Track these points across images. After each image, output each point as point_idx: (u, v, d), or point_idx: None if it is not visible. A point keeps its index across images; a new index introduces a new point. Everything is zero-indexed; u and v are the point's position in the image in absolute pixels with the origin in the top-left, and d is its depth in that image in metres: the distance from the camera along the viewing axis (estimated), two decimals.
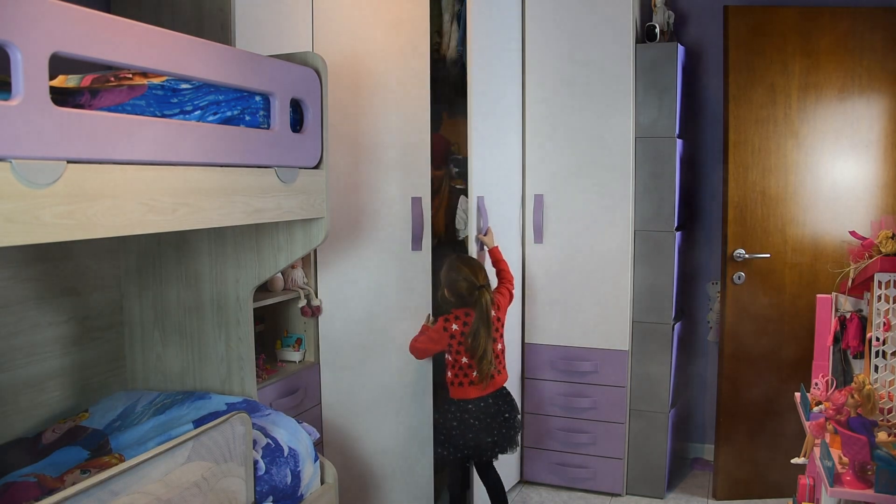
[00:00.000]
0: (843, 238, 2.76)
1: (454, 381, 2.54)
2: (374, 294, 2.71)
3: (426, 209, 2.66)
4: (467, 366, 2.51)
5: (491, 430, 2.52)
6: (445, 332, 2.52)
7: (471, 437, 2.51)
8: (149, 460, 1.47)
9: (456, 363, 2.53)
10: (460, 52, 3.20)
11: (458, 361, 2.52)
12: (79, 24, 1.30)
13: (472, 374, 2.51)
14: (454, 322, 2.52)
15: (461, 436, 2.51)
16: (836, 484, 1.75)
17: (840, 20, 2.87)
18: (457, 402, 2.54)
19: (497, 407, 2.55)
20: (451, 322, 2.52)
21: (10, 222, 1.21)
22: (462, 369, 2.52)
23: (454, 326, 2.52)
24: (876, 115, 2.88)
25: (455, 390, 2.55)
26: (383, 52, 2.63)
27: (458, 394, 2.54)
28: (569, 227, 3.10)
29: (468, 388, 2.52)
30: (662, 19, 3.07)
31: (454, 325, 2.52)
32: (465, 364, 2.51)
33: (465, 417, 2.51)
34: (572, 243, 3.10)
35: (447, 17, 3.25)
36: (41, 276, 2.08)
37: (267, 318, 2.75)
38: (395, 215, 2.68)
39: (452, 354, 2.53)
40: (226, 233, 2.24)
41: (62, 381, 2.15)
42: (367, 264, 2.71)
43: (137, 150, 1.45)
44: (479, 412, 2.51)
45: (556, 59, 3.06)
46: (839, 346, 2.31)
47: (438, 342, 2.54)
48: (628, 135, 2.98)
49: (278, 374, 2.55)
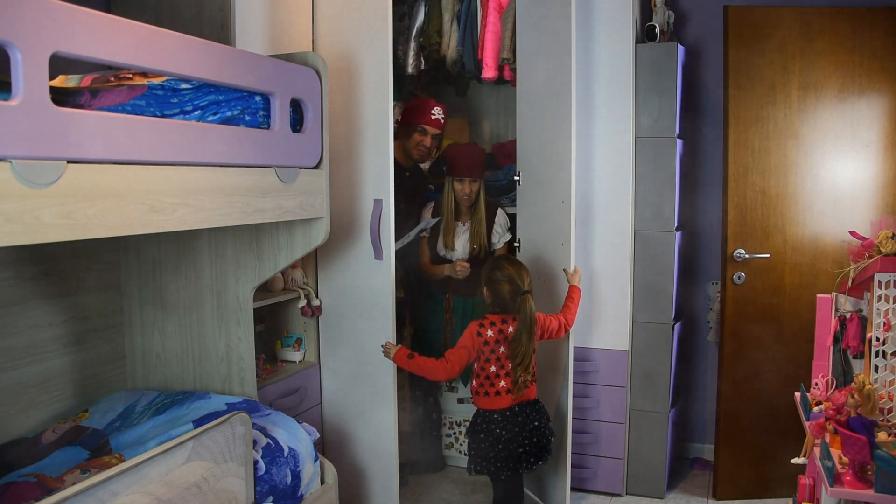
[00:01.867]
0: (843, 238, 2.75)
1: (479, 390, 2.44)
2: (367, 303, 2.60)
3: (387, 213, 2.45)
4: (494, 375, 2.41)
5: (520, 440, 2.42)
6: (479, 337, 2.39)
7: (500, 449, 2.41)
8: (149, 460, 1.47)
9: (483, 371, 2.42)
10: (460, 51, 3.21)
11: (486, 370, 2.42)
12: (79, 24, 1.30)
13: (499, 383, 2.40)
14: (489, 328, 2.40)
15: (490, 448, 2.41)
16: (836, 484, 1.75)
17: (840, 20, 2.87)
18: (482, 412, 2.44)
19: (525, 416, 2.44)
20: (485, 328, 2.40)
21: (10, 222, 1.20)
22: (489, 378, 2.42)
23: (489, 333, 2.39)
24: (876, 115, 2.88)
25: (480, 400, 2.45)
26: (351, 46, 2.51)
27: (484, 404, 2.44)
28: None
29: (494, 399, 2.42)
30: (662, 19, 3.07)
31: (489, 331, 2.39)
32: (492, 373, 2.41)
33: (492, 428, 2.41)
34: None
35: (447, 17, 3.25)
36: (41, 276, 2.07)
37: (267, 318, 2.75)
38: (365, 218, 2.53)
39: (481, 362, 2.42)
40: (226, 233, 2.24)
41: (62, 381, 2.15)
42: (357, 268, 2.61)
43: (137, 150, 1.45)
44: (505, 422, 2.41)
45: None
46: (839, 346, 2.31)
47: (472, 349, 2.40)
48: (628, 135, 2.97)
49: (278, 374, 2.54)
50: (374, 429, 2.61)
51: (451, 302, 3.12)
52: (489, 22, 3.11)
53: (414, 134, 3.02)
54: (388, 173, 2.44)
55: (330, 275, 2.64)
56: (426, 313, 3.20)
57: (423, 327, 3.21)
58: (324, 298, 2.67)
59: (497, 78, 3.17)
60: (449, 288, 3.12)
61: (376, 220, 2.45)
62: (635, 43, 2.97)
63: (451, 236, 3.09)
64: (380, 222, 2.45)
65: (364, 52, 2.46)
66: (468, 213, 3.11)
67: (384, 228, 2.46)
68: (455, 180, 3.04)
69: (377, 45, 2.41)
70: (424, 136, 3.02)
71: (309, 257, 2.65)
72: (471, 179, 3.02)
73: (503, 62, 3.11)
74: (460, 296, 3.12)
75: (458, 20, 3.22)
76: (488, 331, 2.40)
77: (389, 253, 2.46)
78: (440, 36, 3.26)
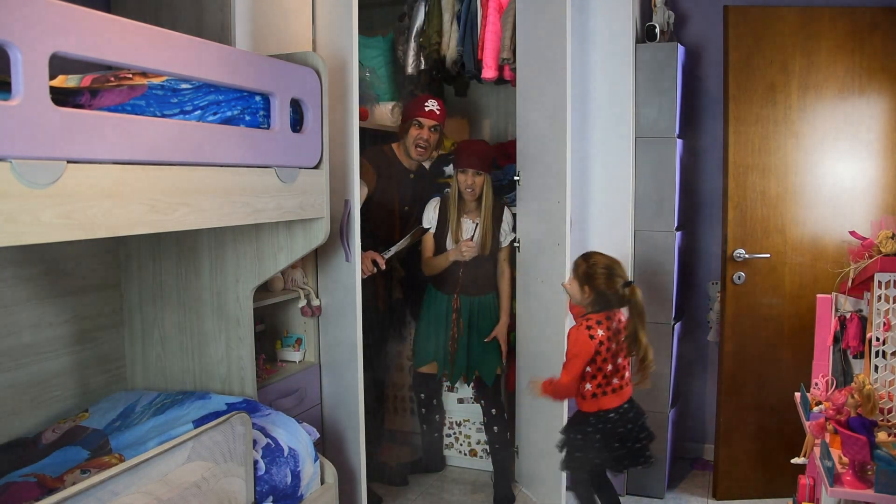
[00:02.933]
0: (843, 238, 2.75)
1: (596, 391, 2.32)
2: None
3: (354, 214, 2.41)
4: (612, 372, 2.31)
5: (634, 436, 2.36)
6: (592, 339, 2.27)
7: (616, 447, 2.33)
8: (149, 460, 1.47)
9: (600, 371, 2.31)
10: (460, 51, 3.21)
11: (604, 369, 2.31)
12: (79, 24, 1.30)
13: (614, 380, 2.32)
14: (598, 328, 2.29)
15: (605, 448, 2.33)
16: (836, 484, 1.75)
17: (840, 20, 2.87)
18: (595, 414, 2.33)
19: (635, 412, 2.38)
20: (594, 328, 2.29)
21: (10, 222, 1.21)
22: (606, 377, 2.32)
23: (599, 332, 2.28)
24: (876, 115, 2.88)
25: (591, 402, 2.34)
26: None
27: (596, 406, 2.34)
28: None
29: (612, 397, 2.33)
30: (662, 19, 3.07)
31: (599, 330, 2.28)
32: (609, 371, 2.31)
33: (610, 428, 2.33)
34: (572, 243, 3.09)
35: (447, 17, 3.25)
36: (41, 276, 2.07)
37: (267, 318, 2.75)
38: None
39: (598, 363, 2.30)
40: (226, 233, 2.24)
41: (62, 381, 2.15)
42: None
43: (137, 150, 1.45)
44: (621, 421, 2.34)
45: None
46: (839, 346, 2.31)
47: (586, 354, 2.27)
48: (628, 135, 2.97)
49: (278, 374, 2.54)
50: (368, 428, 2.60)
51: (458, 302, 3.09)
52: (489, 22, 3.11)
53: (411, 129, 2.99)
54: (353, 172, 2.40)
55: (330, 275, 2.64)
56: (431, 314, 3.15)
57: (428, 329, 3.15)
58: (324, 298, 2.67)
59: (497, 78, 3.17)
60: (456, 288, 3.09)
61: (345, 221, 2.41)
62: (635, 43, 2.96)
63: (457, 231, 3.02)
64: (348, 223, 2.42)
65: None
66: (475, 209, 3.05)
67: (352, 230, 2.42)
68: (459, 171, 2.99)
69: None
70: (421, 129, 2.98)
71: (309, 257, 2.65)
72: (474, 171, 2.96)
73: (503, 62, 3.11)
74: (467, 295, 3.09)
75: (458, 20, 3.22)
76: (598, 330, 2.29)
77: (355, 258, 2.44)
78: (440, 36, 3.26)
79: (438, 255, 3.08)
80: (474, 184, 2.97)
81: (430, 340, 3.14)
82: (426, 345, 3.16)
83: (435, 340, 3.13)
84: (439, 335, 3.12)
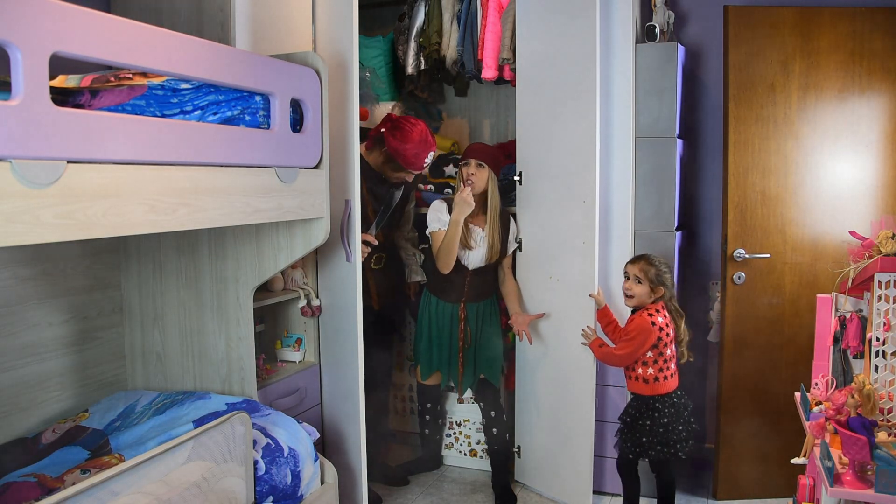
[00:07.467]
0: (843, 238, 2.75)
1: (658, 376, 2.58)
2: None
3: (354, 214, 2.39)
4: (671, 357, 2.59)
5: (686, 418, 2.60)
6: (654, 325, 2.54)
7: (681, 429, 2.57)
8: (149, 460, 1.47)
9: (661, 357, 2.57)
10: (460, 51, 3.21)
11: (664, 354, 2.58)
12: (79, 24, 1.30)
13: (672, 364, 2.59)
14: (657, 315, 2.57)
15: (674, 430, 2.56)
16: (836, 484, 1.75)
17: (840, 20, 2.87)
18: (661, 397, 2.58)
19: (686, 398, 2.65)
20: (654, 315, 2.57)
21: (10, 222, 1.21)
22: (667, 362, 2.58)
23: (660, 319, 2.56)
24: (876, 115, 2.88)
25: (655, 386, 2.59)
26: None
27: (662, 388, 2.58)
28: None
29: (670, 381, 2.60)
30: (662, 19, 3.07)
31: (659, 317, 2.57)
32: (669, 356, 2.58)
33: (679, 407, 2.59)
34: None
35: (447, 17, 3.25)
36: (41, 276, 2.08)
37: (267, 318, 2.75)
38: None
39: (660, 347, 2.57)
40: (226, 233, 2.24)
41: (62, 381, 2.15)
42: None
43: (137, 150, 1.45)
44: (683, 401, 2.61)
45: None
46: (839, 346, 2.31)
47: (644, 340, 2.55)
48: (628, 135, 2.97)
49: (278, 374, 2.54)
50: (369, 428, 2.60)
51: (465, 311, 3.04)
52: (489, 22, 3.12)
53: (399, 171, 2.83)
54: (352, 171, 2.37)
55: (330, 275, 2.64)
56: (434, 324, 3.08)
57: (430, 339, 3.09)
58: (324, 298, 2.67)
59: (497, 78, 3.17)
60: (462, 296, 3.03)
61: (345, 221, 2.40)
62: (635, 43, 2.96)
63: (466, 236, 2.94)
64: (348, 223, 2.41)
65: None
66: (480, 212, 2.96)
67: (352, 230, 2.41)
68: (462, 165, 2.94)
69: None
70: (408, 174, 2.86)
71: (309, 257, 2.65)
72: (476, 162, 2.89)
73: (503, 62, 3.11)
74: (473, 303, 3.05)
75: (458, 20, 3.22)
76: (658, 317, 2.57)
77: (356, 257, 2.42)
78: (440, 36, 3.26)
79: (445, 239, 2.88)
80: (475, 175, 2.89)
81: (434, 351, 3.10)
82: (429, 356, 3.11)
83: (439, 351, 3.09)
84: (443, 345, 3.07)
